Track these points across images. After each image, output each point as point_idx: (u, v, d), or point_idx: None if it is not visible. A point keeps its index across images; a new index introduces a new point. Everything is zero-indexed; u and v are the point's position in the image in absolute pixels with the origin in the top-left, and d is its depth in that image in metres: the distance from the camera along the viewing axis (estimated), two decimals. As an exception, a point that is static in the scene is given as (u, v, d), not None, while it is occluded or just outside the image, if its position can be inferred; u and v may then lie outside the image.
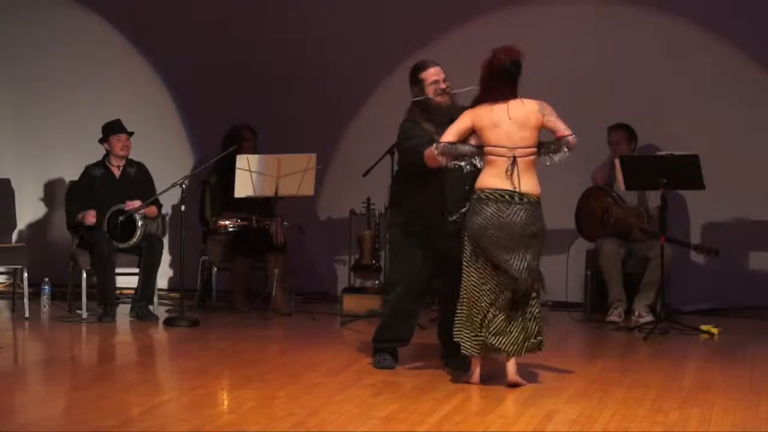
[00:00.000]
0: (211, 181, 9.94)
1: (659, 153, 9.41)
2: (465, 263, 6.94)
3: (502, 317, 6.88)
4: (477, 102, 6.94)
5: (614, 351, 8.21)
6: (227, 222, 9.67)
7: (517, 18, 10.19)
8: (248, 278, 10.01)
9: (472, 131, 6.87)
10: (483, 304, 6.88)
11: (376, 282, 9.94)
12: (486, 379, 7.04)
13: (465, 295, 6.94)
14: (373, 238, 9.94)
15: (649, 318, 9.11)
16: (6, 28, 11.04)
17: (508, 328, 6.89)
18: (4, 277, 11.02)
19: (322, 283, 10.65)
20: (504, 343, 6.87)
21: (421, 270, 7.30)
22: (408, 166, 7.27)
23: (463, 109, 7.08)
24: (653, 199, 9.40)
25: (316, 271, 10.65)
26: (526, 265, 6.84)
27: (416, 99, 7.25)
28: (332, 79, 10.51)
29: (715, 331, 8.85)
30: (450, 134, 6.88)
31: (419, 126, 7.20)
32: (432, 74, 7.22)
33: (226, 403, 6.56)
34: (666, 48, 10.05)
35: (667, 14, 10.03)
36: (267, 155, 9.55)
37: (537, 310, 6.97)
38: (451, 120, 7.12)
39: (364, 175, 9.40)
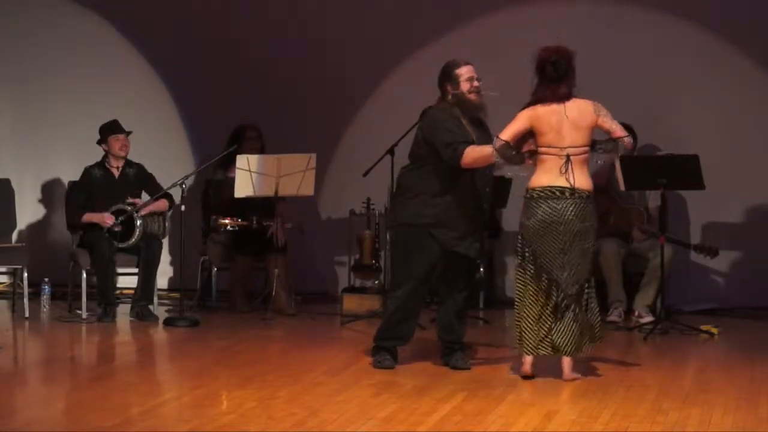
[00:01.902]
0: (216, 178, 9.91)
1: (659, 153, 9.41)
2: (519, 266, 7.02)
3: (558, 317, 6.96)
4: (535, 100, 6.94)
5: (614, 351, 8.21)
6: (227, 221, 9.67)
7: (517, 18, 10.21)
8: (248, 278, 10.02)
9: (528, 133, 6.91)
10: (539, 305, 6.97)
11: (376, 282, 9.95)
12: (486, 378, 7.06)
13: (520, 298, 7.02)
14: (373, 238, 9.95)
15: (649, 318, 9.12)
16: (6, 28, 11.04)
17: (565, 328, 6.95)
18: (5, 277, 11.01)
19: (322, 283, 10.65)
20: (562, 342, 6.96)
21: (430, 270, 7.29)
22: (432, 159, 7.18)
23: (482, 122, 7.16)
24: (653, 199, 9.40)
25: (316, 271, 10.65)
26: (574, 267, 6.92)
27: (453, 92, 7.22)
28: (332, 79, 10.52)
29: (715, 331, 8.85)
30: (508, 133, 6.90)
31: (458, 120, 7.16)
32: (467, 71, 7.27)
33: (226, 403, 6.56)
34: (666, 48, 10.05)
35: (668, 14, 10.04)
36: (267, 155, 9.56)
37: (583, 309, 7.02)
38: (477, 120, 7.17)
39: (364, 175, 9.40)
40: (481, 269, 9.82)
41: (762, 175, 9.91)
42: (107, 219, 9.33)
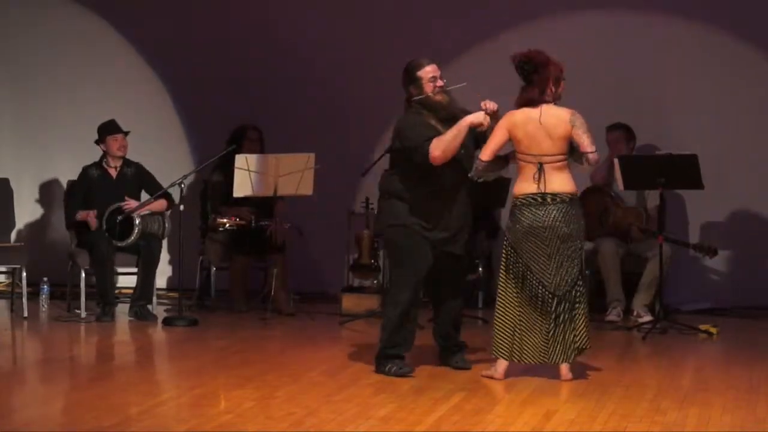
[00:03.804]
0: (214, 179, 9.92)
1: (658, 153, 9.42)
2: (503, 273, 7.03)
3: (547, 325, 6.96)
4: (518, 103, 6.95)
5: (613, 350, 8.21)
6: (225, 220, 9.66)
7: (515, 17, 10.20)
8: (247, 278, 10.01)
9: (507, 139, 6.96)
10: (523, 312, 6.98)
11: (375, 281, 9.94)
12: (484, 378, 7.06)
13: (503, 305, 7.03)
14: (371, 238, 9.94)
15: (647, 317, 9.12)
16: (5, 27, 11.04)
17: (551, 336, 6.97)
18: (3, 276, 11.01)
19: (321, 283, 10.64)
20: (553, 352, 6.98)
21: (426, 272, 7.19)
22: (410, 163, 7.10)
23: (464, 111, 7.10)
24: (652, 198, 9.41)
25: (314, 270, 10.64)
26: (563, 273, 6.93)
27: (416, 98, 7.15)
28: (332, 79, 10.51)
29: (713, 330, 8.85)
30: (488, 152, 6.92)
31: (426, 123, 7.06)
32: (429, 72, 7.13)
33: (224, 402, 6.56)
34: (665, 48, 10.05)
35: (667, 14, 10.04)
36: (266, 155, 9.56)
37: (578, 315, 7.02)
38: (451, 116, 7.10)
39: (363, 174, 9.39)
40: (480, 269, 9.84)
41: (761, 175, 9.91)
42: (91, 219, 9.33)
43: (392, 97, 10.22)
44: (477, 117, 6.98)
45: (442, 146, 6.95)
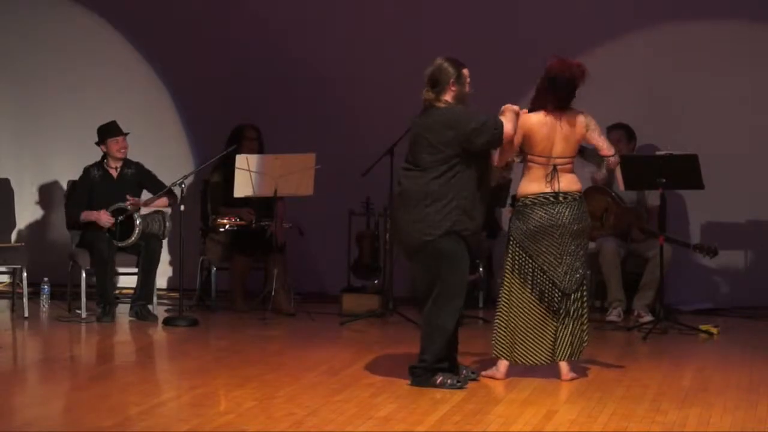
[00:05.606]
0: (213, 180, 9.93)
1: (658, 153, 9.42)
2: (509, 273, 7.02)
3: (555, 324, 6.99)
4: (534, 105, 6.97)
5: (613, 351, 8.21)
6: (225, 220, 9.66)
7: (514, 17, 10.21)
8: (247, 278, 10.01)
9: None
10: (530, 312, 6.99)
11: (375, 282, 9.94)
12: (484, 377, 7.06)
13: (507, 305, 7.03)
14: (372, 238, 9.94)
15: (648, 318, 9.12)
16: (5, 28, 11.03)
17: (560, 334, 6.99)
18: (4, 276, 10.99)
19: (321, 283, 10.64)
20: (561, 350, 7.01)
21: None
22: (457, 161, 6.77)
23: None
24: (652, 198, 9.41)
25: (315, 270, 10.64)
26: (572, 270, 6.97)
27: (459, 93, 6.90)
28: (332, 79, 10.51)
29: (714, 330, 8.85)
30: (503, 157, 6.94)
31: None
32: (467, 73, 7.00)
33: (224, 402, 6.56)
34: (665, 47, 10.05)
35: (667, 13, 10.05)
36: (266, 155, 9.57)
37: (585, 312, 7.07)
38: None
39: (364, 174, 9.39)
40: (480, 269, 9.83)
41: (761, 175, 9.91)
42: (103, 216, 9.33)
43: (392, 97, 10.27)
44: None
45: (508, 123, 6.83)
